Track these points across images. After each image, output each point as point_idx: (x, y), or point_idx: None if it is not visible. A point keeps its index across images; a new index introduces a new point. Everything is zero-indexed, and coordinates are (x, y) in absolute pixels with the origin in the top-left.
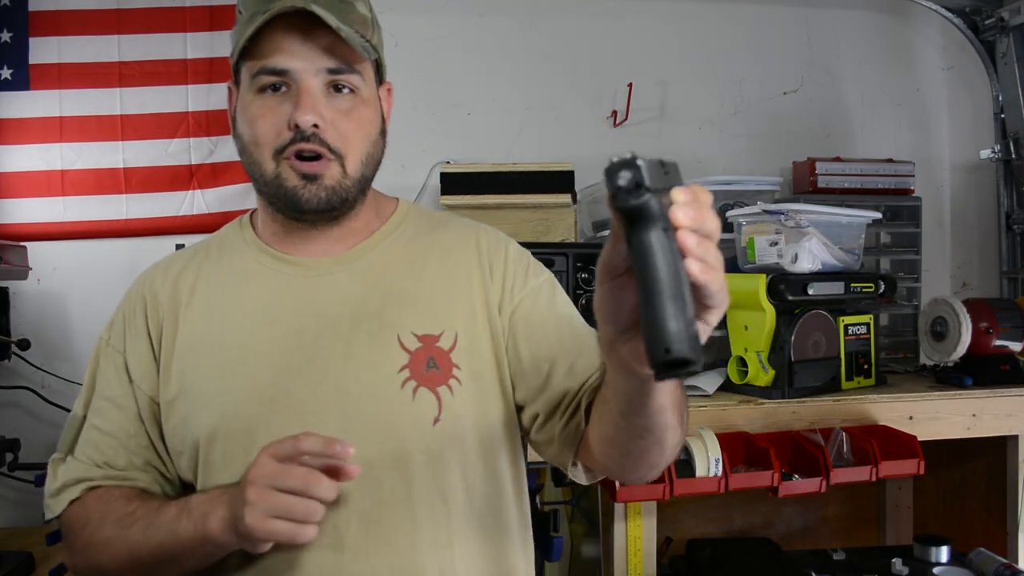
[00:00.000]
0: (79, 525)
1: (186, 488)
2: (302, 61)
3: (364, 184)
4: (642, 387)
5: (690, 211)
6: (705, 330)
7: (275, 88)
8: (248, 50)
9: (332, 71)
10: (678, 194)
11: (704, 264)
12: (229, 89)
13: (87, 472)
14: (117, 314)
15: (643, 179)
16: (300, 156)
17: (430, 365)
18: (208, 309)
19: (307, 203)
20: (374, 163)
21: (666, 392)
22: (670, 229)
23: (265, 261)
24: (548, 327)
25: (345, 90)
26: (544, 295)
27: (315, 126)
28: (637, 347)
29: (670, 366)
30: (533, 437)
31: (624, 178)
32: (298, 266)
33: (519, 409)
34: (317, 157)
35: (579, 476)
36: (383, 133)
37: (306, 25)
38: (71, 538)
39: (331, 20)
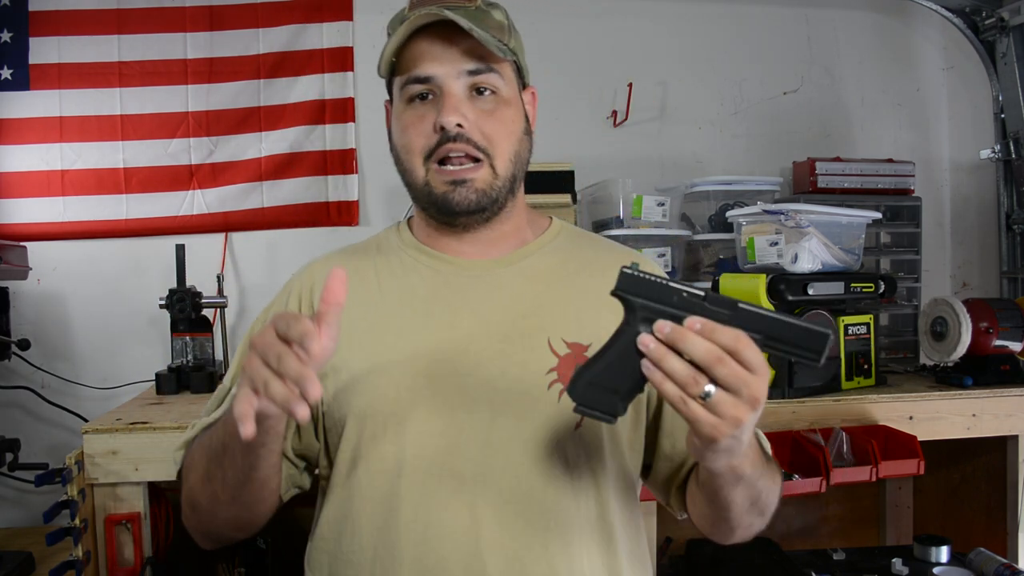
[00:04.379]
0: (185, 467)
1: (309, 465)
2: (443, 66)
3: (514, 184)
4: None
5: (659, 333)
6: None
7: (423, 97)
8: (396, 65)
9: (472, 72)
10: (663, 325)
11: (652, 368)
12: (385, 106)
13: (207, 423)
14: (276, 300)
15: (623, 286)
16: (446, 162)
17: None
18: (364, 298)
19: (458, 205)
20: (522, 162)
21: (723, 469)
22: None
23: (422, 259)
24: None
25: (487, 92)
26: None
27: (459, 126)
28: None
29: (577, 404)
30: (647, 482)
31: (620, 274)
32: (455, 265)
33: (648, 446)
34: (464, 158)
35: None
36: (528, 133)
37: (446, 35)
38: (182, 481)
39: (464, 23)
